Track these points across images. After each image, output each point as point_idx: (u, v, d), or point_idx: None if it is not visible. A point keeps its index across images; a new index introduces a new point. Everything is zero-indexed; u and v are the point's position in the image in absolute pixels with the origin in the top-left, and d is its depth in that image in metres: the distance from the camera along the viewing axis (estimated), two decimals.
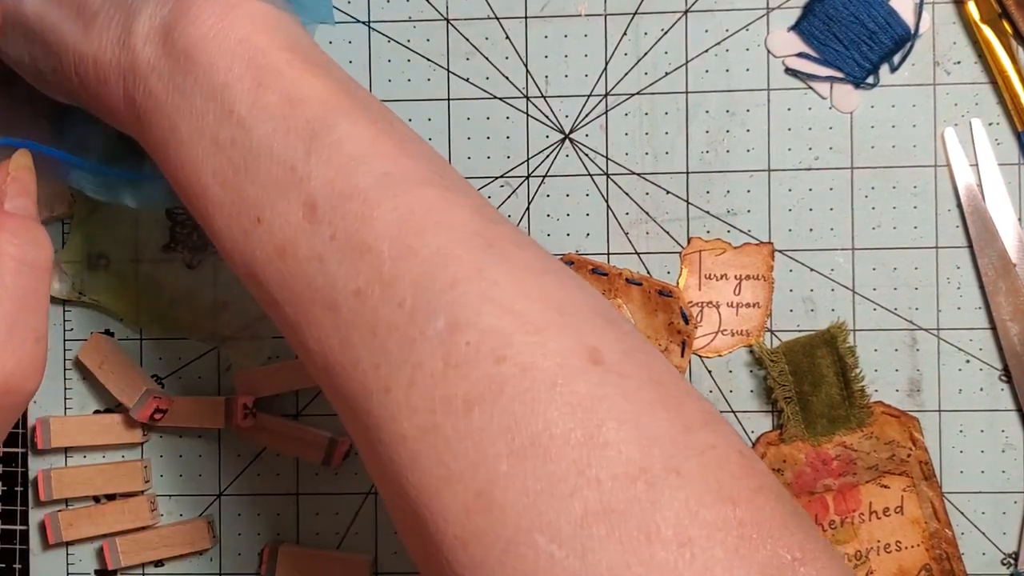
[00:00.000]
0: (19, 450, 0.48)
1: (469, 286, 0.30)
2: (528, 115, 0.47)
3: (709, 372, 0.46)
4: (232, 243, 0.33)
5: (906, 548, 0.45)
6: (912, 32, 0.46)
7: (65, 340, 0.48)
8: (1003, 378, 0.46)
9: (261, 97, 0.32)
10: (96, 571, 0.48)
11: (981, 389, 0.46)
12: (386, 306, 0.30)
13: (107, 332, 0.48)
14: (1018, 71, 0.45)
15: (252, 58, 0.33)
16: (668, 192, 0.46)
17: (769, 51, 0.46)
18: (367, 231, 0.31)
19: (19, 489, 0.48)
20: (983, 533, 0.46)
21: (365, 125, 0.32)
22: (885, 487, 0.46)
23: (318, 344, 0.32)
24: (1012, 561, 0.46)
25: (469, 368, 0.29)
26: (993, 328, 0.46)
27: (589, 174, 0.47)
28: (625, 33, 0.47)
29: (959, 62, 0.46)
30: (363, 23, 0.47)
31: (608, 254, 0.47)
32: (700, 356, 0.46)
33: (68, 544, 0.47)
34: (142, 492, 0.47)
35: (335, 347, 0.31)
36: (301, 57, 0.33)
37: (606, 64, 0.47)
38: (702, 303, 0.46)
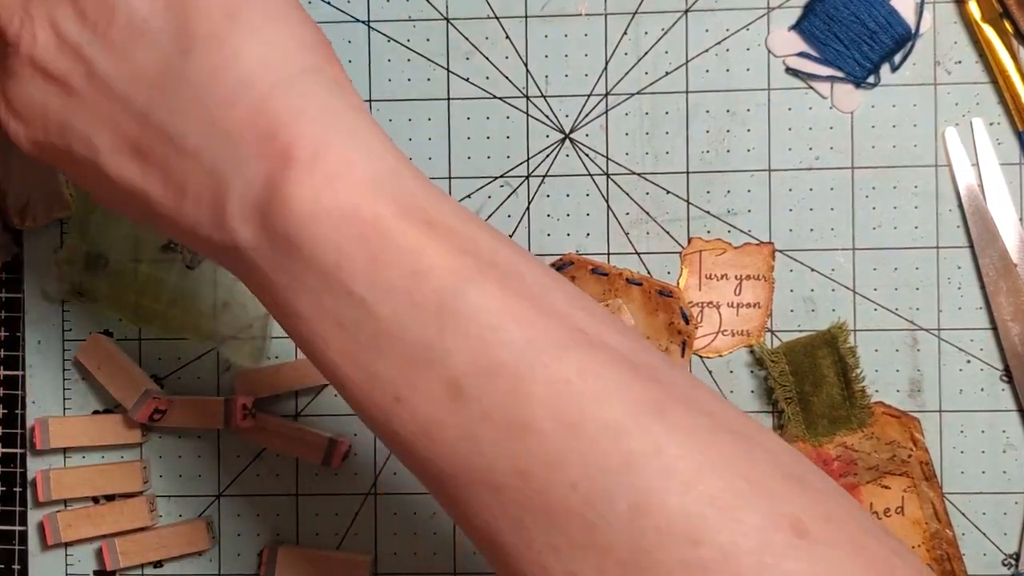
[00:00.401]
0: (18, 450, 0.48)
1: (646, 464, 0.27)
2: (528, 115, 0.47)
3: (709, 372, 0.46)
4: (371, 419, 0.30)
5: None
6: (913, 32, 0.46)
7: (64, 340, 0.48)
8: (1004, 378, 0.46)
9: (380, 274, 0.29)
10: (95, 572, 0.47)
11: (982, 389, 0.46)
12: (557, 488, 0.28)
13: (106, 332, 0.48)
14: (1019, 71, 0.45)
15: (363, 233, 0.29)
16: (668, 192, 0.46)
17: (770, 51, 0.46)
18: (522, 409, 0.28)
19: (18, 490, 0.48)
20: (984, 534, 0.46)
21: (497, 287, 0.29)
22: (886, 487, 0.46)
23: (483, 523, 0.29)
24: (1013, 562, 0.46)
25: (663, 554, 0.27)
26: (994, 328, 0.46)
27: (589, 174, 0.47)
28: (625, 33, 0.47)
29: (960, 62, 0.46)
30: (363, 23, 0.47)
31: (608, 254, 0.47)
32: (700, 356, 0.46)
33: (67, 545, 0.47)
34: (141, 493, 0.47)
35: (503, 528, 0.29)
36: (418, 219, 0.30)
37: (606, 64, 0.47)
38: (702, 303, 0.46)
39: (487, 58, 0.47)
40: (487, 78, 0.47)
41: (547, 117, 0.47)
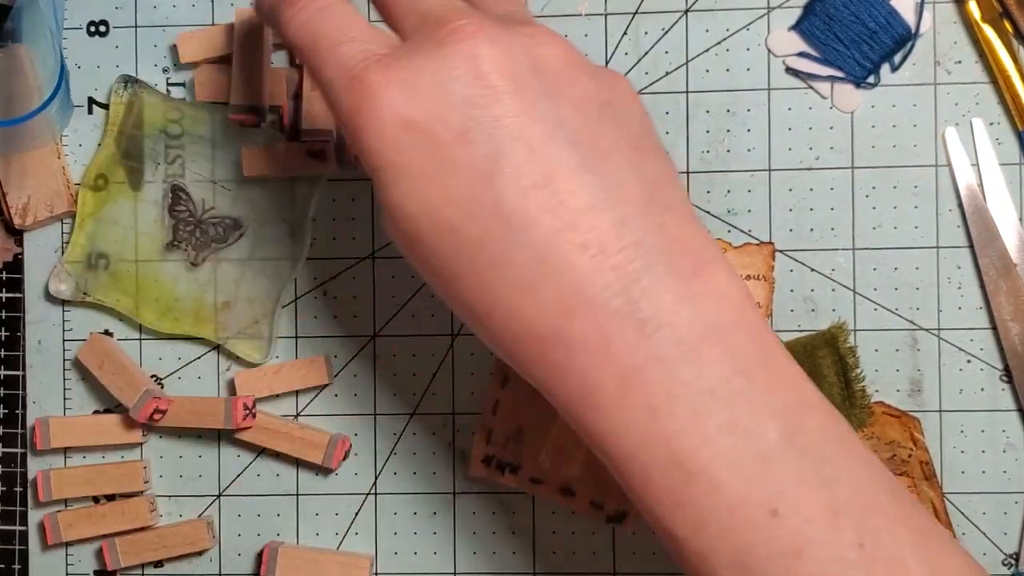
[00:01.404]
0: (19, 450, 0.48)
1: None
2: None
3: None
4: None
5: None
6: (913, 31, 0.46)
7: (65, 340, 0.48)
8: (1004, 378, 0.46)
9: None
10: (95, 572, 0.48)
11: (982, 389, 0.46)
12: None
13: (107, 332, 0.48)
14: (1019, 70, 0.45)
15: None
16: None
17: (770, 51, 0.46)
18: None
19: (18, 489, 0.48)
20: (984, 533, 0.46)
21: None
22: None
23: None
24: (1013, 562, 0.46)
25: None
26: (994, 328, 0.46)
27: None
28: (625, 33, 0.47)
29: (960, 62, 0.46)
30: None
31: None
32: None
33: (67, 544, 0.47)
34: (141, 492, 0.47)
35: None
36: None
37: (606, 64, 0.47)
38: None
39: None
40: None
41: None
